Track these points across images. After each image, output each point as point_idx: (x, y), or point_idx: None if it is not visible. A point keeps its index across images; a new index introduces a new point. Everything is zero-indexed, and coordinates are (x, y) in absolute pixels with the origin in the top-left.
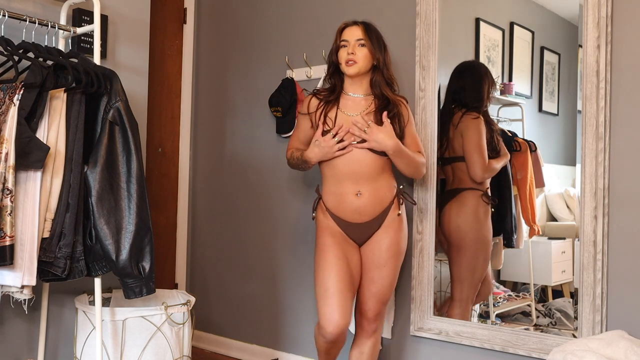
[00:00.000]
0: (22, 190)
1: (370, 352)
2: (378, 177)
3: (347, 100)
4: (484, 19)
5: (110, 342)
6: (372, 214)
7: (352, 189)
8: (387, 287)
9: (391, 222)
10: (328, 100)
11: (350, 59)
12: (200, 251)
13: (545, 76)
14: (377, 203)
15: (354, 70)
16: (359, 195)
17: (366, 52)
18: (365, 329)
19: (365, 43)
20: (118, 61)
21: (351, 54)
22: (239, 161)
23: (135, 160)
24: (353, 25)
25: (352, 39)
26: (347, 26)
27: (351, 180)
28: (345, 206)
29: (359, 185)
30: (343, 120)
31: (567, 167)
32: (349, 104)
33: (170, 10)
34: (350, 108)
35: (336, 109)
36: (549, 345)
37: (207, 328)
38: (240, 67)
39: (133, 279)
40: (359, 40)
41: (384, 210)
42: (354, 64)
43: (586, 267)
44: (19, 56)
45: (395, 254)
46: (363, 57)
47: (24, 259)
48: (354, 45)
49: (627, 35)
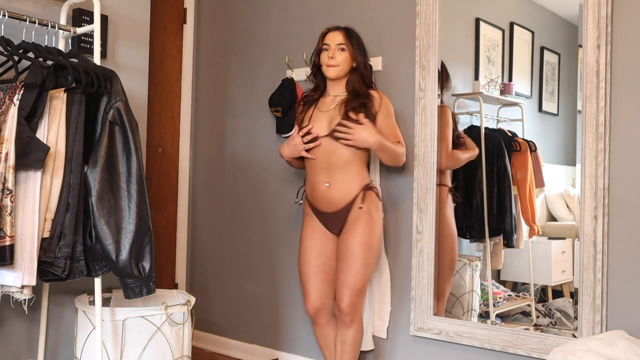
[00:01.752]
0: (22, 190)
1: (351, 341)
2: (348, 169)
3: (325, 98)
4: (484, 19)
5: (110, 342)
6: (339, 204)
7: (323, 179)
8: (358, 278)
9: (358, 215)
10: (312, 100)
11: (331, 62)
12: (200, 251)
13: (545, 76)
14: (344, 194)
15: (333, 73)
16: (327, 185)
17: (346, 55)
18: (342, 319)
19: (345, 47)
20: (118, 61)
21: (331, 58)
22: (239, 161)
23: (135, 160)
24: (335, 30)
25: (333, 43)
26: (330, 31)
27: (323, 170)
28: (317, 194)
29: (330, 175)
30: (318, 117)
31: (567, 167)
32: (327, 102)
33: (170, 10)
34: (326, 105)
35: (314, 107)
36: (549, 345)
37: (207, 328)
38: (240, 67)
39: (133, 279)
40: (340, 45)
41: (350, 202)
42: (334, 67)
43: (586, 267)
44: (19, 56)
45: (364, 245)
46: (342, 60)
47: (24, 259)
48: (335, 50)
49: (627, 35)
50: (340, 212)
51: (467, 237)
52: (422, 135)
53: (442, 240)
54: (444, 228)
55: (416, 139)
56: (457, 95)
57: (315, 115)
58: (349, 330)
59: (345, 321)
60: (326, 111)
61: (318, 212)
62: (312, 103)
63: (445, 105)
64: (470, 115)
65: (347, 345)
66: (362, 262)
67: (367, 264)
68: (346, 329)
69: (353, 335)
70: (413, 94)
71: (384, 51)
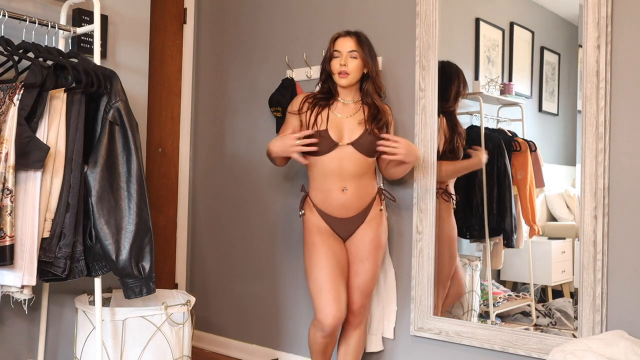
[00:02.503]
0: (22, 190)
1: (356, 344)
2: (362, 175)
3: (338, 103)
4: (484, 19)
5: (110, 342)
6: (356, 209)
7: (338, 185)
8: (370, 280)
9: (373, 217)
10: (321, 104)
11: (343, 71)
12: (200, 251)
13: (545, 76)
14: (361, 198)
15: (346, 82)
16: (344, 190)
17: (358, 62)
18: (350, 322)
19: (357, 54)
20: (118, 61)
21: (343, 65)
22: (239, 161)
23: (135, 160)
24: (346, 36)
25: (345, 50)
26: (340, 36)
27: (337, 177)
28: (332, 201)
29: (345, 181)
30: (334, 121)
31: (567, 167)
32: (339, 107)
33: (170, 10)
34: (340, 110)
35: (328, 110)
36: (549, 345)
37: (207, 328)
38: (240, 67)
39: (133, 279)
40: (351, 52)
41: (368, 205)
42: (346, 76)
43: (586, 267)
44: (19, 56)
45: (377, 247)
46: (354, 68)
47: (24, 259)
48: (346, 57)
49: (627, 35)
50: (356, 217)
51: (467, 237)
52: (422, 135)
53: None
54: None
55: (416, 139)
56: None
57: (332, 120)
58: (355, 331)
59: (354, 323)
60: (345, 118)
61: (330, 218)
62: (324, 106)
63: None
64: (470, 115)
65: (352, 347)
66: (376, 264)
67: (378, 266)
68: (353, 330)
69: (359, 336)
70: (413, 94)
71: (384, 51)
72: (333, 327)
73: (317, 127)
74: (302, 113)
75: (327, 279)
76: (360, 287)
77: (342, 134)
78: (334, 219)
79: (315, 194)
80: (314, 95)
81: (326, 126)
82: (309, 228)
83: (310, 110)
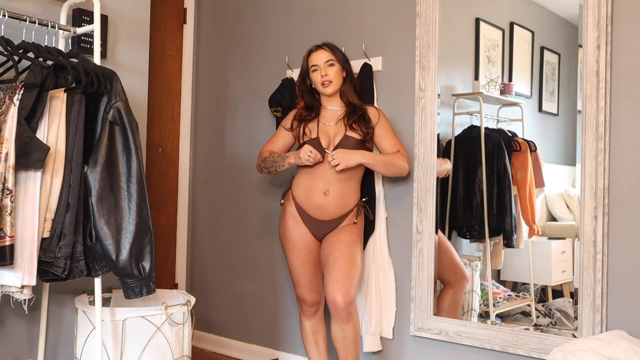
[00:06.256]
0: (22, 190)
1: (352, 335)
2: (347, 180)
3: (325, 112)
4: (484, 19)
5: (110, 342)
6: (334, 214)
7: (322, 187)
8: (347, 269)
9: (346, 225)
10: (307, 119)
11: (325, 80)
12: (200, 251)
13: (545, 76)
14: (340, 205)
15: (331, 89)
16: (326, 194)
17: (336, 68)
18: (339, 315)
19: (333, 61)
20: (118, 61)
21: (325, 75)
22: (239, 161)
23: (135, 160)
24: (318, 49)
25: (321, 61)
26: (312, 52)
27: (322, 179)
28: (312, 200)
29: (329, 184)
30: (323, 129)
31: (567, 167)
32: (327, 115)
33: (170, 10)
34: (328, 119)
35: (317, 121)
36: (549, 345)
37: (207, 328)
38: (240, 67)
39: (133, 279)
40: (328, 62)
41: (345, 214)
42: (330, 84)
43: (586, 267)
44: (19, 56)
45: (349, 242)
46: (335, 74)
47: (24, 259)
48: (325, 67)
49: (627, 35)
50: (333, 222)
51: (467, 237)
52: (422, 135)
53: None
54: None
55: (416, 138)
56: (457, 95)
57: (322, 128)
58: (348, 324)
59: (342, 316)
60: (332, 125)
61: (308, 217)
62: (312, 119)
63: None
64: (470, 115)
65: (349, 339)
66: (350, 255)
67: (356, 257)
68: (345, 324)
69: (352, 328)
70: (413, 94)
71: (384, 51)
72: (310, 301)
73: (309, 137)
74: (292, 130)
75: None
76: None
77: (330, 139)
78: (310, 218)
79: (298, 190)
80: (299, 113)
81: (317, 134)
82: (286, 219)
83: (299, 127)
